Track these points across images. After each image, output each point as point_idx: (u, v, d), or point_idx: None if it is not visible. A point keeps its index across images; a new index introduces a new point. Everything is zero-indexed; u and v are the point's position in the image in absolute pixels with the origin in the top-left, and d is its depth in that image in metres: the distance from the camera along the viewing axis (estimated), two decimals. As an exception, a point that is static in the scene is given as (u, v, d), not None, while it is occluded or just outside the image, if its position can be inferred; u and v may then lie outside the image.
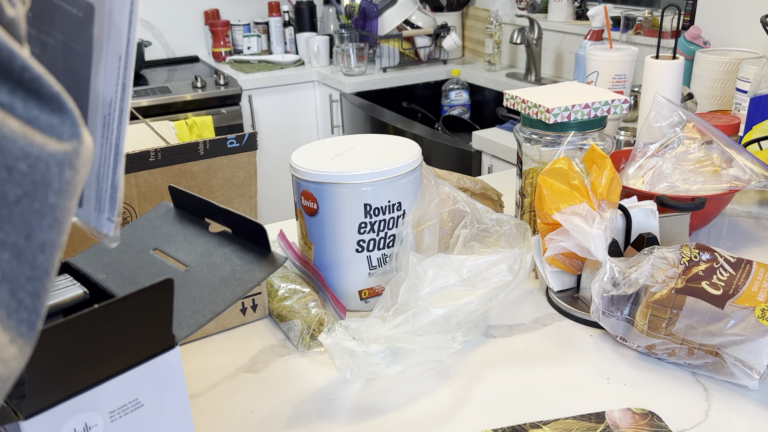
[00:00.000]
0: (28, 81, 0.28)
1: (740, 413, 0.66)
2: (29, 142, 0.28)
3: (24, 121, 0.28)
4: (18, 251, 0.28)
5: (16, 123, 0.28)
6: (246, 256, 0.53)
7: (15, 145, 0.28)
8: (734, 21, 1.67)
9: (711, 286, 0.70)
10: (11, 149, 0.28)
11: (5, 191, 0.28)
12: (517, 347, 0.78)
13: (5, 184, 0.28)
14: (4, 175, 0.27)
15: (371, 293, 0.85)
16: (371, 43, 2.74)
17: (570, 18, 2.38)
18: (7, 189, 0.28)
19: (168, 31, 3.01)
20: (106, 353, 0.44)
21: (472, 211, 0.88)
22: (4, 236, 0.28)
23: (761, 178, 0.94)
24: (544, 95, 0.92)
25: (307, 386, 0.72)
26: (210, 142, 0.75)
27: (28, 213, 0.28)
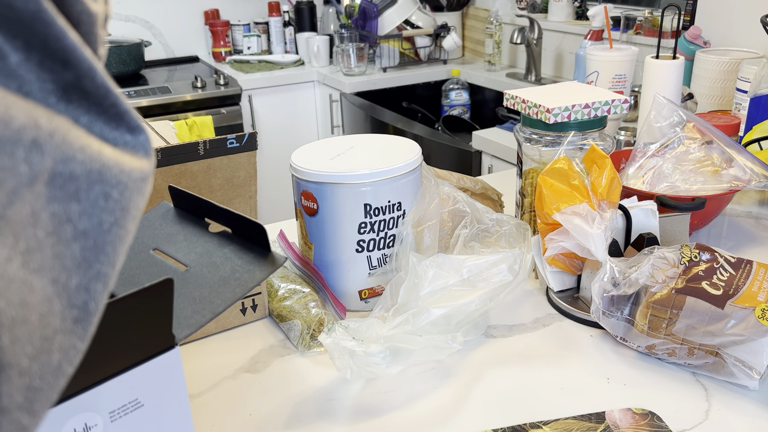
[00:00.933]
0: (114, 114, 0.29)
1: (740, 413, 0.66)
2: (121, 169, 0.28)
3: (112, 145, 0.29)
4: (107, 281, 0.29)
5: (110, 149, 0.28)
6: (246, 256, 0.53)
7: (111, 172, 0.28)
8: (734, 21, 1.67)
9: (711, 286, 0.70)
10: (109, 177, 0.28)
11: (102, 219, 0.28)
12: (517, 347, 0.78)
13: (102, 212, 0.28)
14: (101, 203, 0.28)
15: (371, 293, 0.85)
16: (371, 43, 2.74)
17: (570, 18, 2.38)
18: (104, 217, 0.28)
19: (168, 31, 3.00)
20: (106, 353, 0.44)
21: (472, 211, 0.88)
22: (100, 266, 0.28)
23: (761, 178, 0.94)
24: (544, 95, 0.92)
25: (307, 386, 0.72)
26: (210, 142, 0.75)
27: (116, 241, 0.29)
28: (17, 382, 0.25)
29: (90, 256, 0.28)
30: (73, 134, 0.27)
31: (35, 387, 0.26)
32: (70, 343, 0.27)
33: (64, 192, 0.26)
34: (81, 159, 0.27)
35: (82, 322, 0.28)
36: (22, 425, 0.26)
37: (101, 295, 0.28)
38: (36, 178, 0.25)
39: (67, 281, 0.27)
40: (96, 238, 0.28)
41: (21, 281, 0.25)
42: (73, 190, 0.26)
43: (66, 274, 0.27)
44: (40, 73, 0.26)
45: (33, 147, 0.25)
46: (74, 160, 0.26)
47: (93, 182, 0.27)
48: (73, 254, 0.27)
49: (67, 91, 0.27)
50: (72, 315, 0.27)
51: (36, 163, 0.25)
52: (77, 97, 0.27)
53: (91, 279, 0.28)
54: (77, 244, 0.27)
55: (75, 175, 0.26)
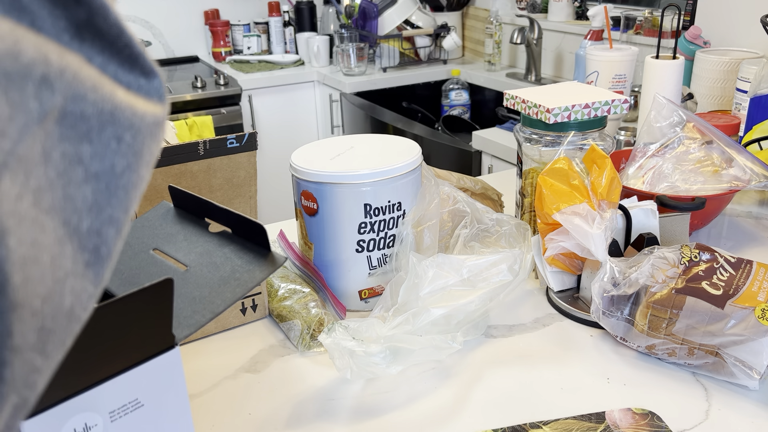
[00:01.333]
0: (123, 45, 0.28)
1: (740, 413, 0.66)
2: (133, 111, 0.28)
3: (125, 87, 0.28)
4: (120, 226, 0.28)
5: (123, 91, 0.28)
6: (246, 256, 0.53)
7: (124, 114, 0.27)
8: (734, 21, 1.67)
9: (711, 286, 0.70)
10: (122, 119, 0.27)
11: (114, 162, 0.27)
12: (517, 347, 0.78)
13: (115, 155, 0.27)
14: (114, 146, 0.27)
15: (371, 293, 0.85)
16: (371, 43, 2.74)
17: (570, 18, 2.38)
18: (116, 160, 0.27)
19: (168, 31, 3.01)
20: (106, 353, 0.44)
21: (472, 211, 0.88)
22: (112, 211, 0.28)
23: (761, 178, 0.94)
24: (544, 95, 0.92)
25: (307, 386, 0.72)
26: (210, 142, 0.75)
27: (129, 186, 0.28)
28: (30, 322, 0.25)
29: (102, 199, 0.27)
30: (84, 73, 0.26)
31: (48, 328, 0.26)
32: (82, 287, 0.27)
33: (75, 132, 0.26)
34: (92, 99, 0.26)
35: (93, 267, 0.27)
36: (35, 366, 0.25)
37: (114, 240, 0.28)
38: (46, 116, 0.25)
39: (79, 224, 0.26)
40: (108, 182, 0.27)
41: (32, 220, 0.24)
42: (85, 131, 0.26)
43: (77, 216, 0.26)
44: (52, 9, 0.26)
45: (43, 83, 0.24)
46: (85, 100, 0.26)
47: (105, 123, 0.27)
48: (84, 196, 0.27)
49: (80, 29, 0.26)
50: (84, 258, 0.27)
51: (46, 99, 0.24)
52: (90, 36, 0.27)
53: (103, 223, 0.28)
54: (89, 186, 0.27)
55: (86, 114, 0.26)
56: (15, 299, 0.24)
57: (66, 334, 0.27)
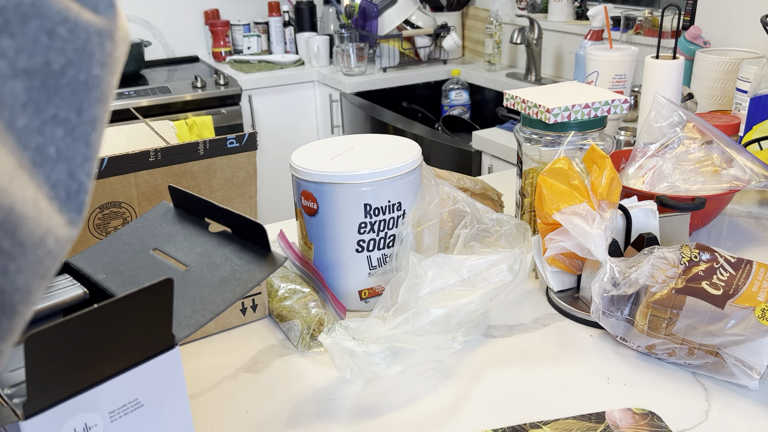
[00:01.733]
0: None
1: (740, 413, 0.66)
2: (65, 6, 0.26)
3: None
4: (71, 127, 0.27)
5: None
6: (246, 256, 0.53)
7: (51, 8, 0.26)
8: (734, 21, 1.67)
9: (711, 286, 0.70)
10: (48, 12, 0.26)
11: (49, 58, 0.26)
12: (517, 347, 0.78)
13: (48, 51, 0.26)
14: (44, 40, 0.26)
15: (371, 293, 0.85)
16: (371, 43, 2.74)
17: (570, 18, 2.38)
18: (51, 56, 0.26)
19: (168, 31, 3.01)
20: (106, 353, 0.44)
21: (472, 211, 0.88)
22: (55, 110, 0.26)
23: (761, 178, 0.94)
24: (544, 95, 0.92)
25: (307, 386, 0.72)
26: (210, 142, 0.75)
27: (75, 84, 0.27)
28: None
29: (39, 97, 0.26)
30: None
31: (18, 212, 0.24)
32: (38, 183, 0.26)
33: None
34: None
35: (42, 167, 0.26)
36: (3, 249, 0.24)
37: (65, 142, 0.27)
38: None
39: (11, 119, 0.25)
40: (44, 79, 0.26)
41: None
42: (1, 23, 0.25)
43: (8, 111, 0.25)
44: None
45: None
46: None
47: (26, 16, 0.25)
48: (13, 92, 0.25)
49: None
50: (28, 157, 0.26)
51: None
52: None
53: (44, 122, 0.26)
54: (18, 82, 0.25)
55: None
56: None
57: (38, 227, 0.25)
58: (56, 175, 0.27)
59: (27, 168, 0.25)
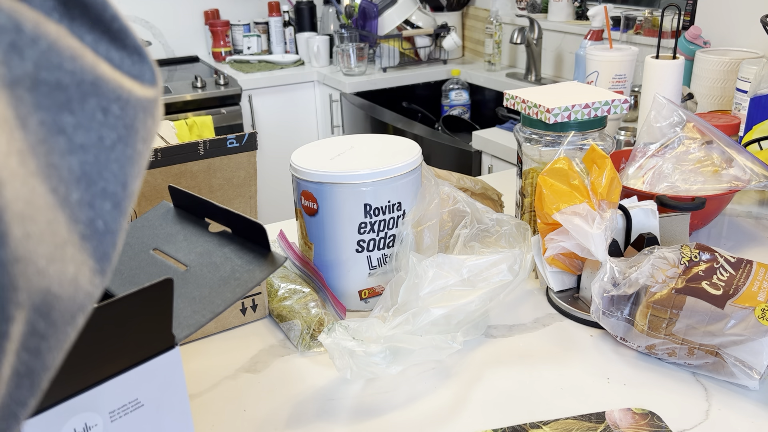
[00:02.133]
0: (116, 31, 0.28)
1: (740, 413, 0.66)
2: (119, 84, 0.28)
3: (113, 65, 0.28)
4: (117, 201, 0.28)
5: (108, 67, 0.28)
6: (246, 256, 0.53)
7: (108, 86, 0.27)
8: (734, 21, 1.67)
9: (711, 286, 0.70)
10: (105, 90, 0.27)
11: (102, 134, 0.27)
12: (517, 347, 0.78)
13: (102, 127, 0.27)
14: (100, 117, 0.27)
15: (371, 293, 0.85)
16: (371, 43, 2.74)
17: (570, 18, 2.38)
18: (104, 132, 0.27)
19: (168, 31, 3.01)
20: (106, 353, 0.44)
21: (472, 211, 0.88)
22: (105, 184, 0.27)
23: (761, 178, 0.94)
24: (544, 95, 0.92)
25: (307, 386, 0.72)
26: (210, 142, 0.75)
27: (123, 159, 0.28)
28: (35, 281, 0.24)
29: (92, 171, 0.27)
30: (63, 43, 0.26)
31: (54, 293, 0.25)
32: (82, 259, 0.26)
33: (52, 101, 0.25)
34: (70, 68, 0.26)
35: (90, 240, 0.27)
36: (39, 330, 0.24)
37: (111, 215, 0.28)
38: (17, 82, 0.24)
39: (67, 193, 0.26)
40: (97, 154, 0.27)
41: (22, 179, 0.24)
42: (64, 100, 0.26)
43: (65, 186, 0.26)
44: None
45: (11, 50, 0.24)
46: (61, 69, 0.26)
47: (86, 94, 0.26)
48: (70, 167, 0.26)
49: (68, 5, 0.26)
50: (78, 230, 0.26)
51: (15, 66, 0.24)
52: (79, 13, 0.27)
53: (95, 195, 0.27)
54: (74, 157, 0.26)
55: (63, 84, 0.26)
56: (17, 252, 0.23)
57: (73, 303, 0.26)
58: (102, 248, 0.28)
59: (76, 242, 0.26)
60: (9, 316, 0.23)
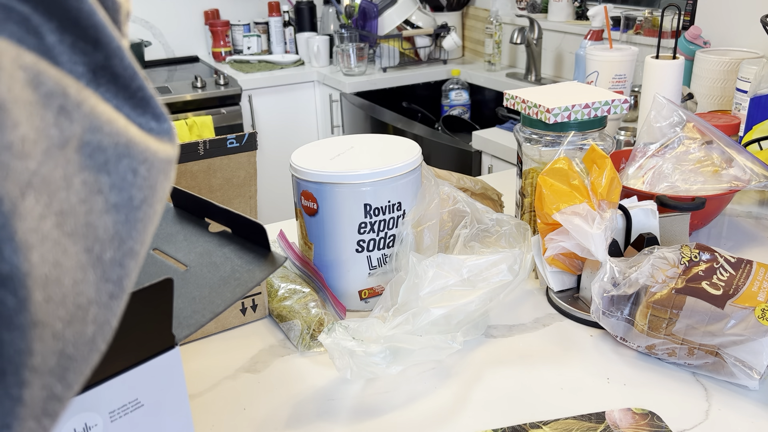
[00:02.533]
0: (140, 99, 0.29)
1: (740, 413, 0.66)
2: (147, 146, 0.28)
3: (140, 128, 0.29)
4: (138, 260, 0.29)
5: (136, 129, 0.28)
6: (246, 256, 0.53)
7: (138, 148, 0.28)
8: (734, 21, 1.67)
9: (711, 286, 0.70)
10: (136, 153, 0.28)
11: (132, 195, 0.28)
12: (517, 347, 0.78)
13: (132, 187, 0.28)
14: (130, 178, 0.28)
15: (371, 293, 0.85)
16: (371, 43, 2.74)
17: (570, 18, 2.38)
18: (134, 192, 0.28)
19: (168, 31, 3.00)
20: (106, 353, 0.44)
21: (472, 211, 0.88)
22: (133, 243, 0.28)
23: (761, 178, 0.94)
24: (544, 95, 0.92)
25: (307, 386, 0.72)
26: (210, 142, 0.75)
27: (146, 219, 0.29)
28: (51, 344, 0.24)
29: (123, 230, 0.28)
30: (100, 108, 0.27)
31: (69, 355, 0.25)
32: (105, 318, 0.27)
33: (94, 161, 0.26)
34: (108, 131, 0.27)
35: (117, 299, 0.28)
36: (55, 393, 0.25)
37: (134, 273, 0.28)
38: (67, 143, 0.25)
39: (101, 253, 0.27)
40: (127, 213, 0.28)
41: (54, 241, 0.24)
42: (103, 161, 0.27)
43: (99, 245, 0.27)
44: (72, 54, 0.26)
45: (61, 113, 0.25)
46: (102, 131, 0.27)
47: (121, 155, 0.27)
48: (105, 226, 0.27)
49: (96, 73, 0.27)
50: (107, 289, 0.27)
51: (65, 128, 0.25)
52: (106, 81, 0.28)
53: (125, 255, 0.28)
54: (110, 217, 0.27)
55: (103, 146, 0.27)
56: (36, 317, 0.24)
57: (86, 364, 0.27)
58: (121, 305, 0.28)
59: (102, 303, 0.27)
60: (24, 380, 0.23)
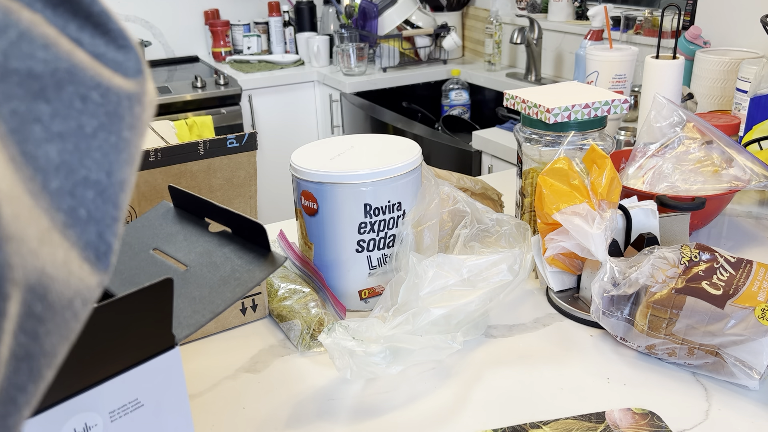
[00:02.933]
0: (96, 14, 0.28)
1: (740, 413, 0.66)
2: (98, 72, 0.27)
3: (91, 55, 0.28)
4: (101, 189, 0.27)
5: (85, 55, 0.27)
6: (246, 256, 0.53)
7: (86, 74, 0.27)
8: (734, 21, 1.67)
9: (711, 286, 0.70)
10: (83, 78, 0.27)
11: (82, 122, 0.27)
12: (517, 347, 0.78)
13: (81, 115, 0.27)
14: (78, 105, 0.27)
15: (371, 293, 0.85)
16: (371, 43, 2.74)
17: (570, 18, 2.38)
18: (84, 120, 0.27)
19: (168, 31, 3.00)
20: (106, 353, 0.44)
21: (472, 211, 0.88)
22: (87, 172, 0.27)
23: (761, 178, 0.94)
24: (544, 95, 0.92)
25: (307, 386, 0.72)
26: (210, 142, 0.75)
27: (106, 147, 0.27)
28: (29, 260, 0.24)
29: (71, 159, 0.26)
30: (36, 32, 0.25)
31: (49, 274, 0.25)
32: (68, 245, 0.26)
33: (25, 90, 0.25)
34: (42, 57, 0.25)
35: (73, 228, 0.27)
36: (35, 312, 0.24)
37: (95, 204, 0.27)
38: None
39: (45, 182, 0.26)
40: (77, 142, 0.26)
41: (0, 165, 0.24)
42: (37, 89, 0.25)
43: (42, 174, 0.26)
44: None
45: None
46: (33, 58, 0.25)
47: (62, 82, 0.26)
48: (47, 156, 0.26)
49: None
50: (60, 219, 0.26)
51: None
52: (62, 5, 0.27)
53: (76, 184, 0.27)
54: (52, 146, 0.26)
55: (35, 73, 0.25)
56: (9, 230, 0.23)
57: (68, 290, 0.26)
58: (86, 236, 0.27)
59: (59, 230, 0.26)
60: (5, 293, 0.23)
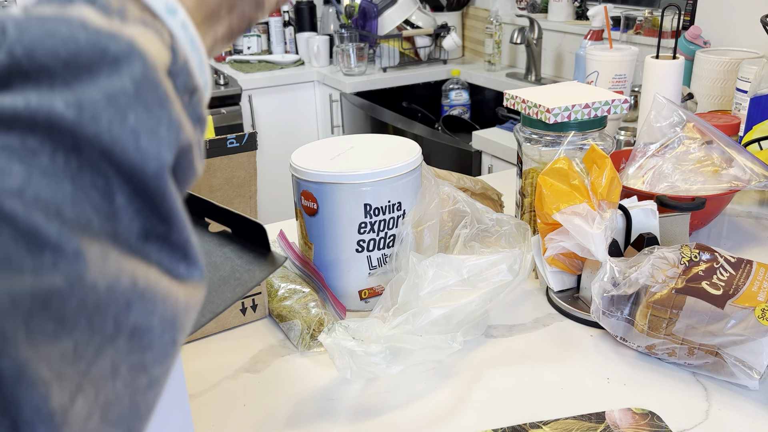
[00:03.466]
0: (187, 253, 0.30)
1: (740, 413, 0.66)
2: (188, 313, 0.29)
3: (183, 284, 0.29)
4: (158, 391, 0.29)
5: (184, 293, 0.29)
6: (246, 256, 0.53)
7: (181, 320, 0.28)
8: (734, 21, 1.67)
9: (711, 286, 0.70)
10: (179, 324, 0.28)
11: (169, 366, 0.28)
12: (517, 347, 0.78)
13: (169, 358, 0.28)
14: (170, 349, 0.28)
15: (371, 293, 0.85)
16: (371, 43, 2.74)
17: (570, 18, 2.38)
18: (169, 363, 0.28)
19: (168, 31, 3.00)
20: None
21: (472, 211, 0.88)
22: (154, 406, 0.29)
23: (761, 178, 0.94)
24: (544, 95, 0.92)
25: (307, 386, 0.72)
26: (210, 142, 0.75)
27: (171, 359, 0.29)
28: None
29: (156, 401, 0.28)
30: (161, 287, 0.27)
31: None
32: None
33: (142, 343, 0.26)
34: (161, 312, 0.27)
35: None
36: None
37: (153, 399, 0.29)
38: (119, 334, 0.25)
39: (139, 428, 0.27)
40: (162, 383, 0.28)
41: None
42: (149, 341, 0.27)
43: (138, 421, 0.27)
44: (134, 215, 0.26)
45: (125, 307, 0.25)
46: (155, 314, 0.26)
47: (165, 330, 0.27)
48: (147, 402, 0.27)
49: (149, 235, 0.27)
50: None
51: (122, 320, 0.25)
52: (155, 239, 0.28)
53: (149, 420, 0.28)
54: (152, 392, 0.27)
55: (152, 327, 0.27)
56: None
57: None
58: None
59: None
60: None
